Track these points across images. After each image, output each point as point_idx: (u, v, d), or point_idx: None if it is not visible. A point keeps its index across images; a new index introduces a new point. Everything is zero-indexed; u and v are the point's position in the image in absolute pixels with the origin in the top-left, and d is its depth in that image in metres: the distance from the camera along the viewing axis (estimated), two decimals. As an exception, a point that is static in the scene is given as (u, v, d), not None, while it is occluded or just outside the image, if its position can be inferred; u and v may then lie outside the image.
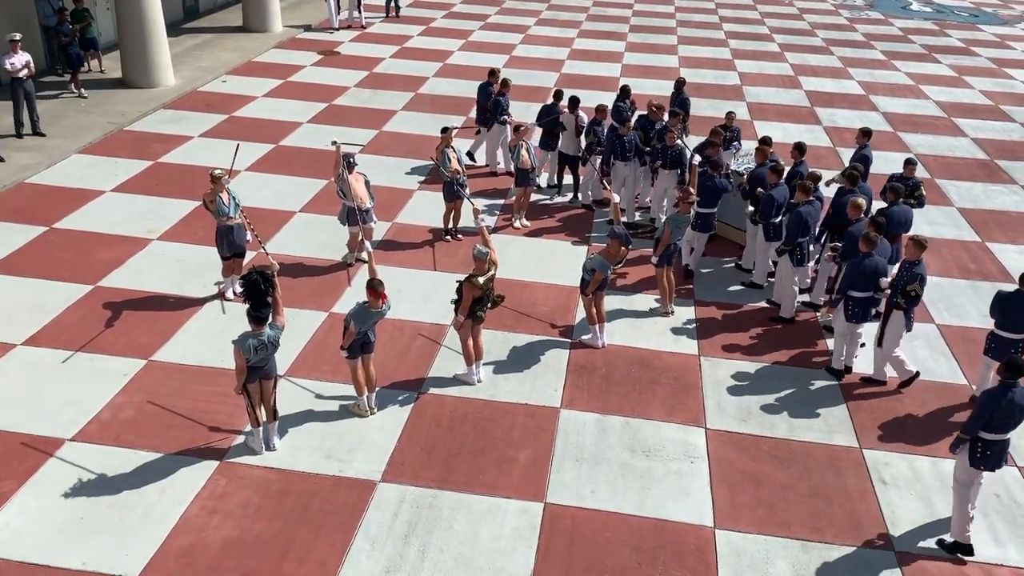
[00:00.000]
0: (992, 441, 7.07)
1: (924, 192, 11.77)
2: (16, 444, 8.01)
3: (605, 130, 13.41)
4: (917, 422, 9.06)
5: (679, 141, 12.42)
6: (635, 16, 28.99)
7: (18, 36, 14.91)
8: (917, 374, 9.57)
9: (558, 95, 13.99)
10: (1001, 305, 8.83)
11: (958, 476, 7.29)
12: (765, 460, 8.38)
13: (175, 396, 8.80)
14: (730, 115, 13.56)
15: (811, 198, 10.49)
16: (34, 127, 15.18)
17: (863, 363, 9.84)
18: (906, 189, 11.24)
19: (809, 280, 11.35)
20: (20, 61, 14.60)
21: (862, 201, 10.16)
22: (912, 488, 8.13)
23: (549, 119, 13.70)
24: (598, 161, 13.21)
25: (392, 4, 26.83)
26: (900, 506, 7.89)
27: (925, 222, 13.34)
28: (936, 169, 16.25)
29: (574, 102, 13.67)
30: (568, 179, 14.15)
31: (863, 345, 9.91)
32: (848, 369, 9.81)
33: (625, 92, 14.22)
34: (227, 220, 10.20)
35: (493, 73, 15.02)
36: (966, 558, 7.32)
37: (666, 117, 13.28)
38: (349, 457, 8.11)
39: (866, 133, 12.73)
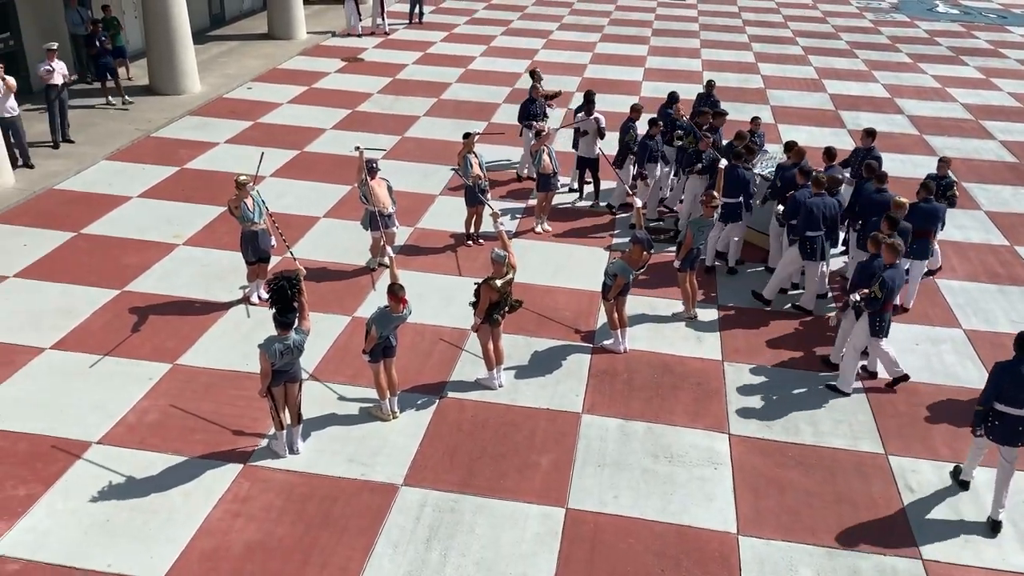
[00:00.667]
0: (1003, 413, 7.37)
1: (956, 192, 11.72)
2: (43, 447, 8.12)
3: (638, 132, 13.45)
4: (944, 428, 8.94)
5: (710, 150, 12.30)
6: (657, 20, 28.93)
7: (55, 45, 15.17)
8: (906, 376, 9.49)
9: (590, 97, 13.98)
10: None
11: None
12: (790, 466, 8.31)
13: (199, 400, 8.88)
14: (755, 120, 13.49)
15: (822, 192, 10.55)
16: (63, 134, 15.39)
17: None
18: (938, 188, 11.19)
19: (827, 286, 11.26)
20: (57, 69, 14.82)
21: (904, 201, 10.12)
22: (939, 495, 8.01)
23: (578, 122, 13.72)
24: (630, 165, 13.29)
25: (416, 11, 26.97)
26: (927, 514, 7.78)
27: (953, 226, 13.18)
28: (964, 172, 16.05)
29: (590, 103, 13.68)
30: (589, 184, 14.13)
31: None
32: (872, 375, 9.74)
33: (673, 98, 14.07)
34: (252, 225, 10.28)
35: (533, 74, 15.25)
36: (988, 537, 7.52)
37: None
38: (371, 461, 8.13)
39: (870, 133, 12.74)
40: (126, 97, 17.64)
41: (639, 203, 10.45)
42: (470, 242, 12.48)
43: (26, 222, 12.62)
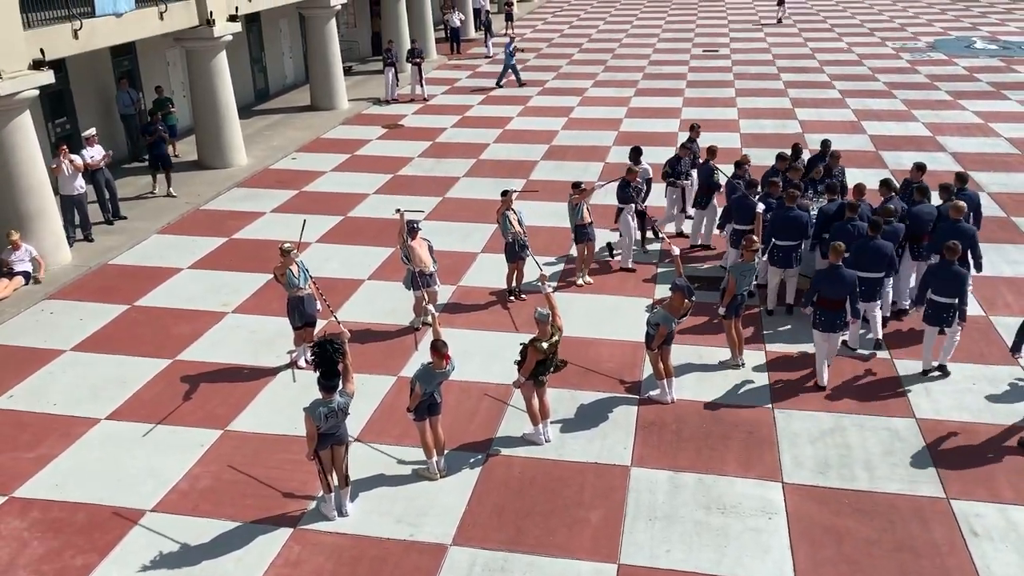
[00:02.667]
0: None
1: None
2: (100, 516, 8.26)
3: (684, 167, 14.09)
4: (1006, 469, 8.64)
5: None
6: (691, 72, 29.17)
7: (93, 131, 15.80)
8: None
9: (689, 145, 14.39)
10: None
11: None
12: (846, 514, 8.08)
13: (250, 464, 8.98)
14: (836, 155, 13.66)
15: (793, 205, 11.39)
16: (115, 211, 15.96)
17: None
18: (917, 190, 11.69)
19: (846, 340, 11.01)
20: (97, 154, 15.41)
21: (962, 205, 10.97)
22: (1006, 539, 7.71)
23: (707, 174, 13.79)
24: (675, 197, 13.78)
25: (510, 71, 27.29)
26: (994, 559, 7.48)
27: (1005, 261, 12.89)
28: (1012, 207, 15.76)
29: (636, 154, 13.90)
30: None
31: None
32: (941, 368, 10.27)
33: (712, 152, 14.23)
34: (298, 291, 10.49)
35: (693, 128, 15.42)
36: None
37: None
38: (419, 521, 8.11)
39: (920, 168, 12.59)
40: (171, 190, 17.39)
41: (676, 251, 10.43)
42: (512, 298, 12.56)
43: (82, 296, 13.05)
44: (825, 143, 14.13)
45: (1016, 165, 18.31)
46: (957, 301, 9.91)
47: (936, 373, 10.33)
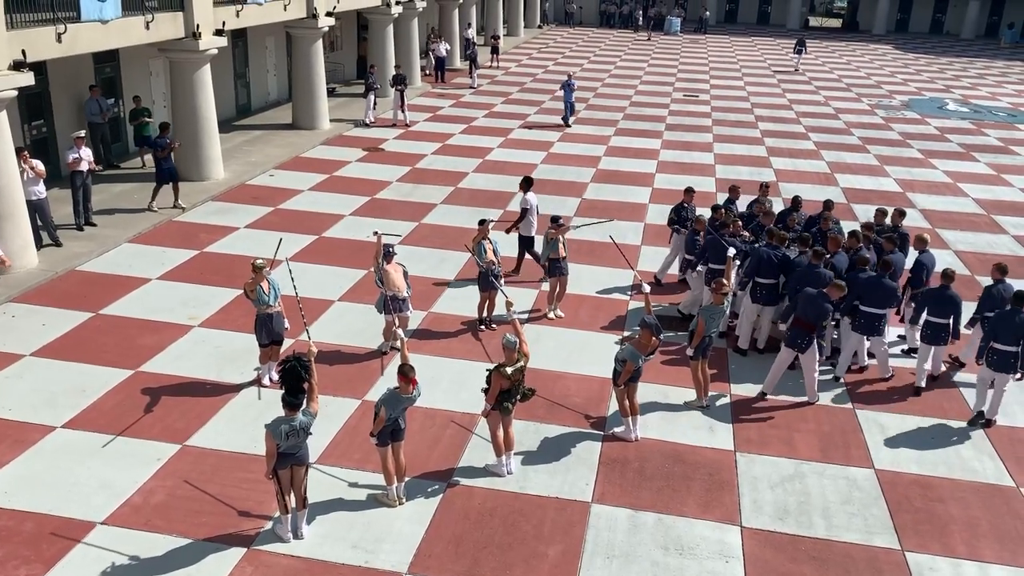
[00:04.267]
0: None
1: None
2: (48, 527, 8.07)
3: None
4: (962, 524, 8.73)
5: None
6: (671, 115, 29.60)
7: (83, 133, 15.74)
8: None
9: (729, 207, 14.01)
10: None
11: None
12: (803, 560, 8.11)
13: (206, 481, 8.84)
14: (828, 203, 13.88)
15: (775, 243, 11.82)
16: (86, 218, 15.78)
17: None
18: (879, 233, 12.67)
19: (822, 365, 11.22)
20: (83, 155, 15.33)
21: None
22: (959, 595, 7.78)
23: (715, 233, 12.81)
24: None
25: (569, 112, 27.11)
26: (946, 613, 7.54)
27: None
28: (976, 266, 16.09)
29: (527, 184, 14.56)
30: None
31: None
32: (983, 416, 10.63)
33: (735, 191, 14.65)
34: (267, 308, 10.42)
35: (734, 189, 14.89)
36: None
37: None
38: (376, 548, 8.01)
39: (901, 214, 13.40)
40: (180, 202, 17.13)
41: (647, 289, 10.51)
42: (483, 327, 12.56)
43: (46, 302, 12.84)
44: (796, 199, 14.33)
45: (982, 225, 18.73)
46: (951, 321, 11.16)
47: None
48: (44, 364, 11.06)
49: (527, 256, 14.61)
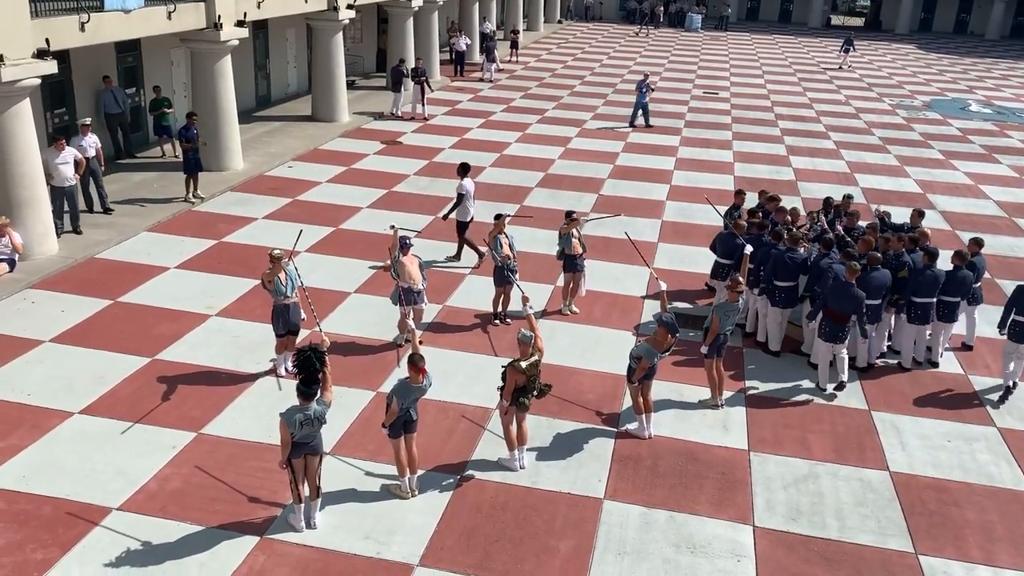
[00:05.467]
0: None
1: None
2: (64, 511, 8.16)
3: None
4: (977, 529, 8.67)
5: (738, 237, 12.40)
6: (690, 112, 29.46)
7: (88, 120, 15.89)
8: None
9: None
10: None
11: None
12: (815, 561, 8.08)
13: (221, 469, 8.90)
14: (794, 211, 13.62)
15: (792, 246, 11.68)
16: (103, 205, 15.91)
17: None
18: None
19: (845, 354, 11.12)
20: (89, 143, 15.46)
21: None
22: (972, 599, 7.74)
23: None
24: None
25: (640, 114, 26.72)
26: (959, 618, 7.50)
27: (986, 322, 12.99)
28: (997, 270, 15.93)
29: (464, 170, 14.71)
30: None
31: None
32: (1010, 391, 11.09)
33: (740, 196, 14.43)
34: (284, 299, 10.47)
35: (773, 199, 14.02)
36: None
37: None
38: (388, 539, 8.05)
39: (920, 214, 13.53)
40: (199, 192, 17.26)
41: (664, 286, 10.48)
42: (497, 321, 12.57)
43: (65, 288, 12.96)
44: (828, 199, 14.15)
45: (1003, 228, 18.55)
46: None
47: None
48: (63, 350, 11.17)
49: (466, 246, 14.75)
